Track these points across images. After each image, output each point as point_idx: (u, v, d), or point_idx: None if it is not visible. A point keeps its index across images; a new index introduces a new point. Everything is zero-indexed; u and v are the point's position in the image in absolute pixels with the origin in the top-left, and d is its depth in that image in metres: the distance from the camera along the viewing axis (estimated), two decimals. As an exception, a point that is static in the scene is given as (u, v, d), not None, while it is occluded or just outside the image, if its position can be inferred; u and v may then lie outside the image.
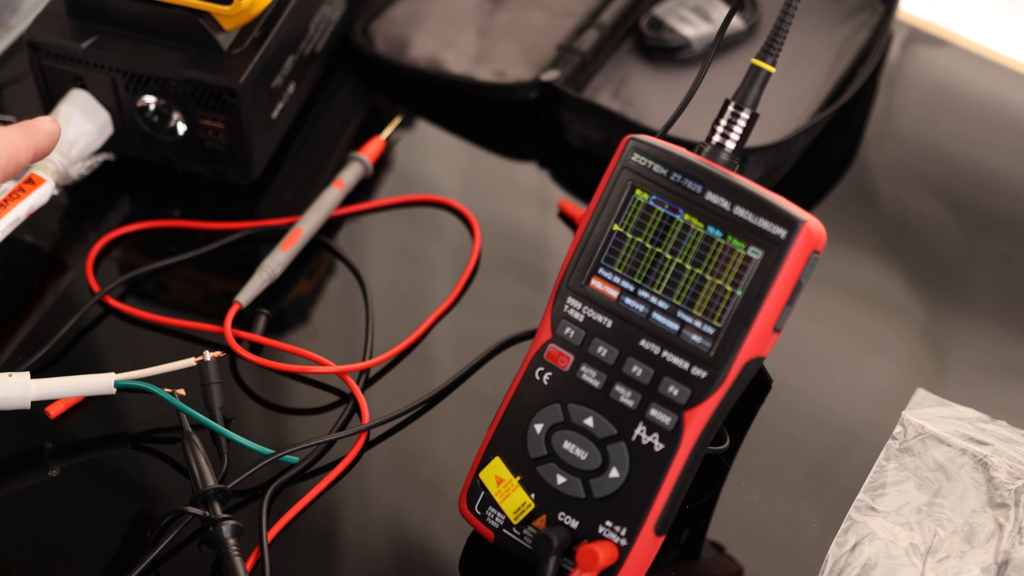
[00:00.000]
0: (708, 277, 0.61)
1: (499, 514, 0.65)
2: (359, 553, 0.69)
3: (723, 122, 0.63)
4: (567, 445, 0.63)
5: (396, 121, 0.89)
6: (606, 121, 0.86)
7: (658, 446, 0.62)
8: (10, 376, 0.69)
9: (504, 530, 0.65)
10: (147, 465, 0.71)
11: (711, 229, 0.61)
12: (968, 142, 0.91)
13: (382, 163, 0.88)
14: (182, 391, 0.71)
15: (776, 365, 0.74)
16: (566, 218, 0.85)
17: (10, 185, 0.74)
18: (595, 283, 0.63)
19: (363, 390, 0.74)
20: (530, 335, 0.76)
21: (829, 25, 0.94)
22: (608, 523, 0.62)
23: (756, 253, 0.60)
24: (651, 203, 0.62)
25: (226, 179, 0.84)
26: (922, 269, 0.83)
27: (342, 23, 0.92)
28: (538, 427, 0.64)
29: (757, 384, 0.74)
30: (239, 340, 0.76)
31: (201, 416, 0.69)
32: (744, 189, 0.61)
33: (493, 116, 0.91)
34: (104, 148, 0.83)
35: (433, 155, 0.90)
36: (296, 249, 0.80)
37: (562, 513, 0.63)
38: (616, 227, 0.63)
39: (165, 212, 0.84)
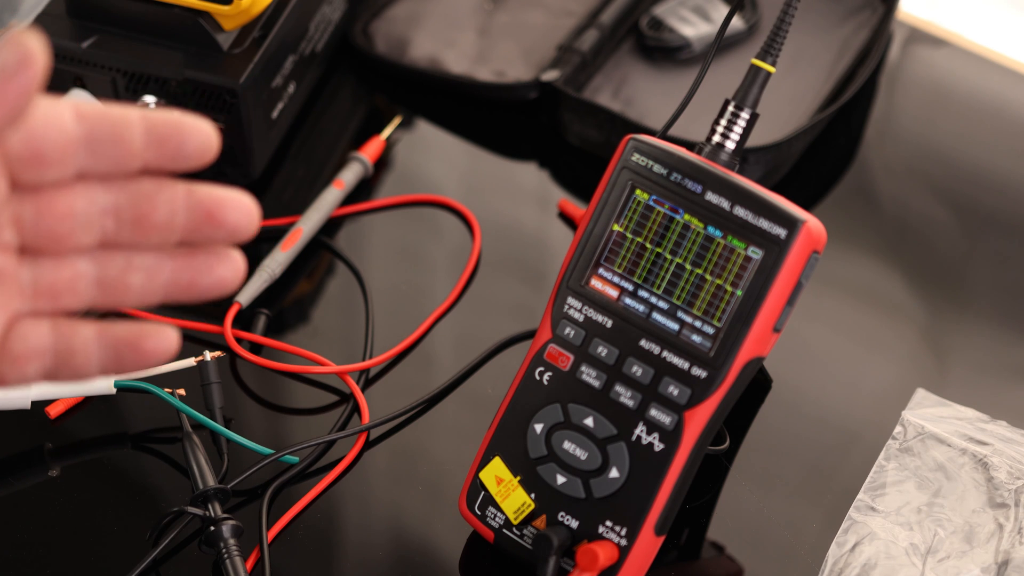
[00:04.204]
0: (708, 277, 0.61)
1: (499, 514, 0.65)
2: (359, 553, 0.69)
3: (723, 122, 0.63)
4: (567, 445, 0.63)
5: (396, 121, 0.89)
6: (606, 121, 0.86)
7: (658, 446, 0.62)
8: (10, 376, 0.69)
9: (504, 530, 0.65)
10: (147, 465, 0.71)
11: (711, 229, 0.61)
12: (968, 142, 0.91)
13: (382, 163, 0.88)
14: (182, 391, 0.71)
15: (776, 365, 0.74)
16: (566, 218, 0.85)
17: None
18: (595, 283, 0.63)
19: (363, 390, 0.74)
20: (530, 335, 0.76)
21: (829, 25, 0.94)
22: (608, 523, 0.62)
23: (756, 253, 0.60)
24: (651, 203, 0.62)
25: (226, 179, 0.84)
26: (922, 269, 0.83)
27: (342, 23, 0.92)
28: (538, 427, 0.64)
29: (757, 384, 0.74)
30: (239, 340, 0.76)
31: (201, 416, 0.69)
32: (744, 189, 0.61)
33: (493, 116, 0.91)
34: (104, 148, 0.83)
35: (433, 155, 0.90)
36: (296, 249, 0.80)
37: (562, 513, 0.63)
38: (616, 227, 0.63)
39: (165, 212, 0.84)
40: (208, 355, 0.71)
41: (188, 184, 0.45)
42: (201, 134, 0.44)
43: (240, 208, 0.45)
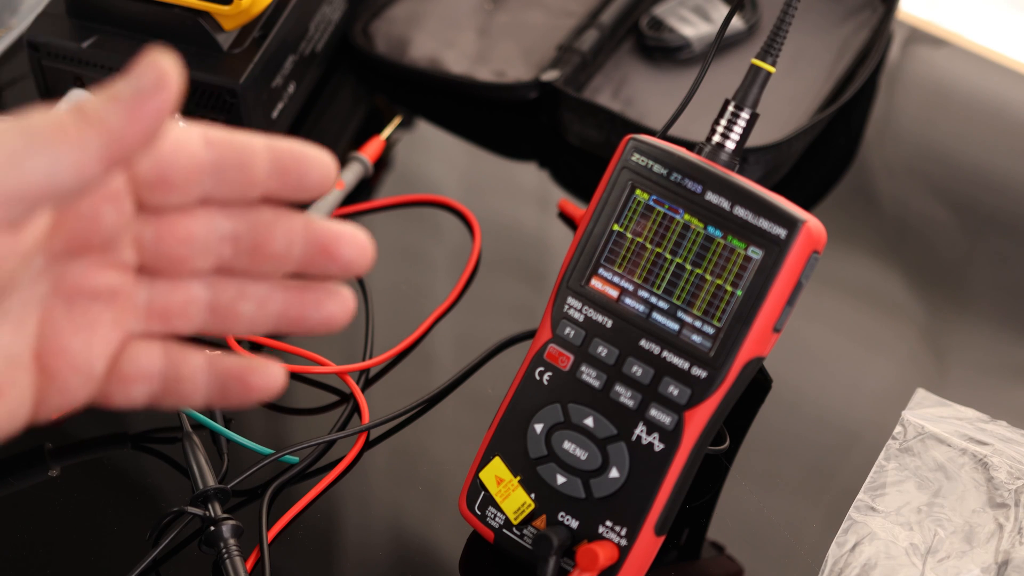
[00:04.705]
0: (708, 277, 0.61)
1: (499, 514, 0.65)
2: (359, 553, 0.69)
3: (723, 122, 0.63)
4: (567, 445, 0.63)
5: (396, 121, 0.89)
6: (606, 121, 0.86)
7: (658, 446, 0.62)
8: (10, 376, 0.69)
9: (504, 530, 0.65)
10: (147, 465, 0.71)
11: (711, 229, 0.61)
12: (968, 142, 0.91)
13: (382, 163, 0.88)
14: (182, 391, 0.71)
15: (776, 365, 0.74)
16: (566, 218, 0.85)
17: None
18: (595, 283, 0.63)
19: (363, 390, 0.74)
20: (530, 335, 0.76)
21: (829, 25, 0.94)
22: (608, 523, 0.62)
23: (756, 253, 0.60)
24: (651, 203, 0.62)
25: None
26: (922, 269, 0.83)
27: (342, 23, 0.92)
28: (538, 427, 0.64)
29: (757, 384, 0.74)
30: (239, 340, 0.76)
31: (201, 416, 0.69)
32: (744, 189, 0.61)
33: (493, 116, 0.91)
34: (104, 148, 0.83)
35: (433, 155, 0.90)
36: (296, 249, 0.80)
37: (562, 513, 0.63)
38: (616, 227, 0.63)
39: (165, 212, 0.84)
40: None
41: (306, 216, 0.45)
42: (323, 166, 0.44)
43: (355, 244, 0.45)
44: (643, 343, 0.62)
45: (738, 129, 0.63)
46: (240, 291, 0.44)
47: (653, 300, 0.62)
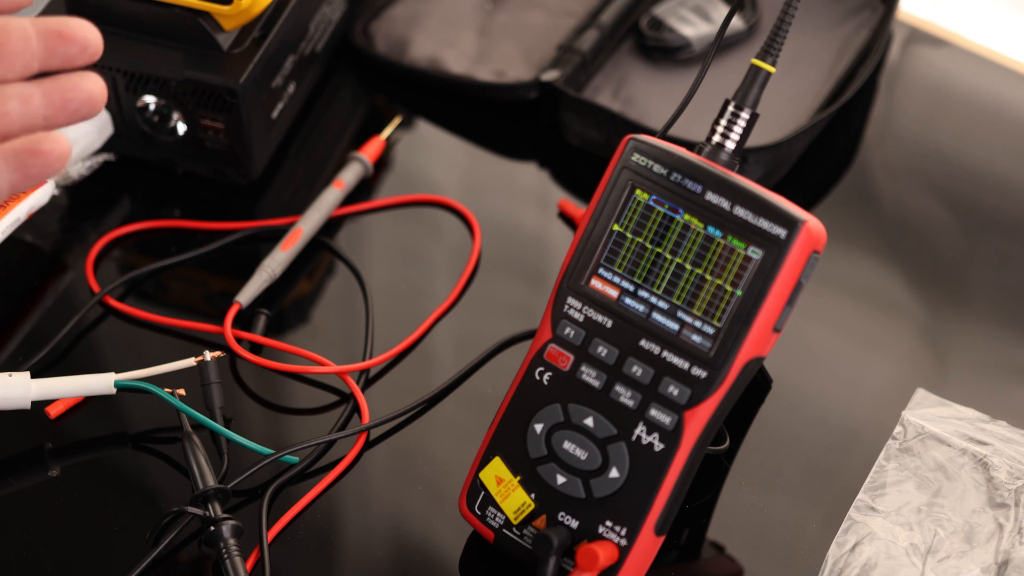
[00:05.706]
0: (708, 277, 0.61)
1: (499, 514, 0.65)
2: (359, 553, 0.69)
3: (723, 122, 0.63)
4: (567, 445, 0.63)
5: (396, 121, 0.89)
6: (606, 121, 0.86)
7: (658, 446, 0.62)
8: (10, 376, 0.69)
9: (504, 530, 0.65)
10: (147, 465, 0.71)
11: (711, 229, 0.61)
12: (968, 142, 0.91)
13: (382, 163, 0.88)
14: (182, 391, 0.71)
15: (776, 365, 0.74)
16: (566, 218, 0.85)
17: None
18: (595, 283, 0.63)
19: (363, 390, 0.74)
20: (530, 335, 0.76)
21: (829, 25, 0.94)
22: (608, 523, 0.62)
23: (756, 253, 0.60)
24: (651, 203, 0.63)
25: (226, 179, 0.84)
26: (922, 269, 0.83)
27: (342, 23, 0.92)
28: (538, 427, 0.64)
29: (757, 384, 0.74)
30: (239, 340, 0.76)
31: (201, 416, 0.69)
32: (744, 189, 0.61)
33: (493, 116, 0.91)
34: (104, 148, 0.83)
35: (433, 155, 0.90)
36: (296, 249, 0.80)
37: (562, 513, 0.63)
38: (616, 227, 0.63)
39: (165, 212, 0.84)
40: (208, 355, 0.71)
41: (30, 17, 0.51)
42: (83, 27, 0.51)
43: (83, 25, 0.51)
44: (643, 343, 0.62)
45: (738, 129, 0.63)
46: (2, 94, 0.50)
47: (653, 300, 0.62)
